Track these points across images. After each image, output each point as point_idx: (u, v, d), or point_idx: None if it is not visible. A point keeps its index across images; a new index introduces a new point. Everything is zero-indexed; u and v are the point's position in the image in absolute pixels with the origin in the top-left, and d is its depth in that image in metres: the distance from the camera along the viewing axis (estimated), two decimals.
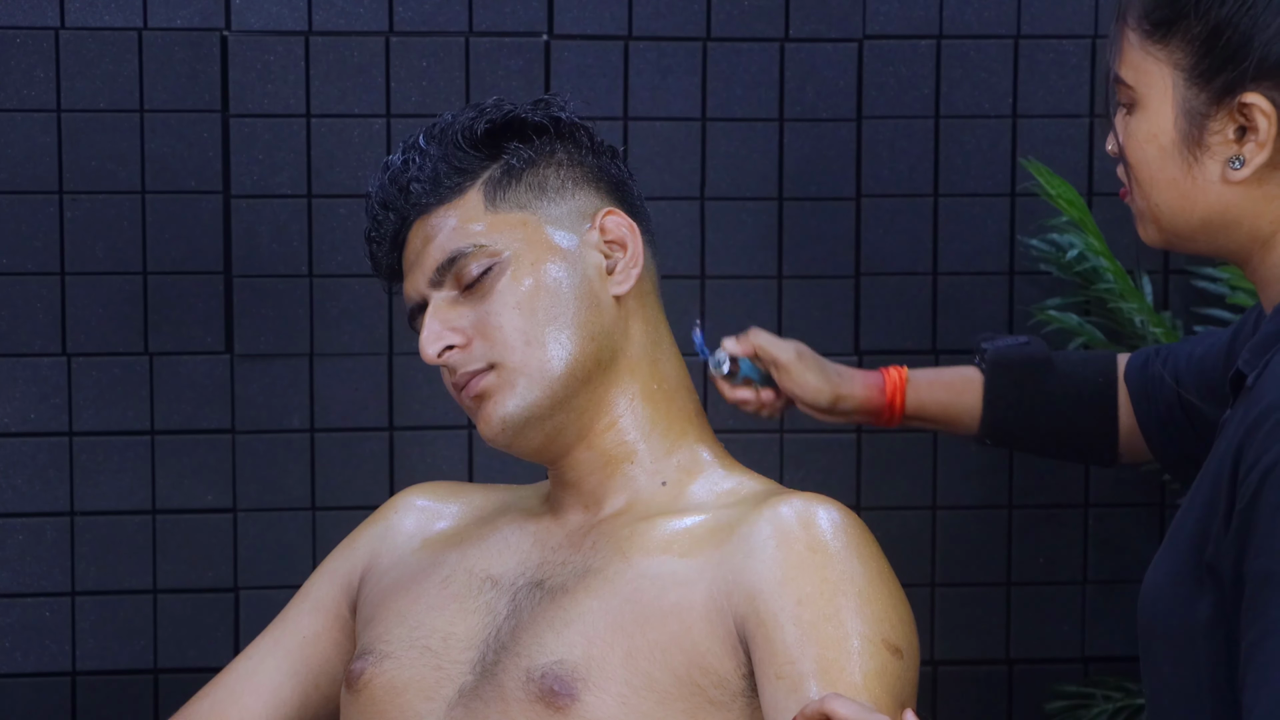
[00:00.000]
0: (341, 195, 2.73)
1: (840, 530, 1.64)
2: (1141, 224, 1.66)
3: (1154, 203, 1.62)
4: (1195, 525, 1.57)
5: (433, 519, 1.89)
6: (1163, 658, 1.61)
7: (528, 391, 1.73)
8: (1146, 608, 1.63)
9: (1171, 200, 1.61)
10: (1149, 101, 1.60)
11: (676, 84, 2.78)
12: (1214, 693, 1.55)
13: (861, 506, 2.79)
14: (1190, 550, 1.57)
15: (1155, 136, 1.60)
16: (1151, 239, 1.66)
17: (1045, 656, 2.87)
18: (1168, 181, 1.61)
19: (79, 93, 2.69)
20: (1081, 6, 2.83)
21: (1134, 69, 1.61)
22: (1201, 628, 1.55)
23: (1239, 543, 1.49)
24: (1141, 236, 1.67)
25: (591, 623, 1.66)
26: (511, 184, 1.77)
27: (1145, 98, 1.60)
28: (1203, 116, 1.58)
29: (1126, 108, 1.63)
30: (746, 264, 2.80)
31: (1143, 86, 1.60)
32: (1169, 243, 1.65)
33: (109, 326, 2.71)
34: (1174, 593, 1.58)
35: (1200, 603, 1.55)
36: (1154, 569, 1.63)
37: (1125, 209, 1.82)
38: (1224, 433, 1.59)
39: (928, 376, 2.23)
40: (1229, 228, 1.60)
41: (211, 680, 1.93)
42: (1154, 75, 1.59)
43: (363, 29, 2.73)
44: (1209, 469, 1.59)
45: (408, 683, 1.73)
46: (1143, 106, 1.61)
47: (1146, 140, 1.61)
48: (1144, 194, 1.63)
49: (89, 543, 2.72)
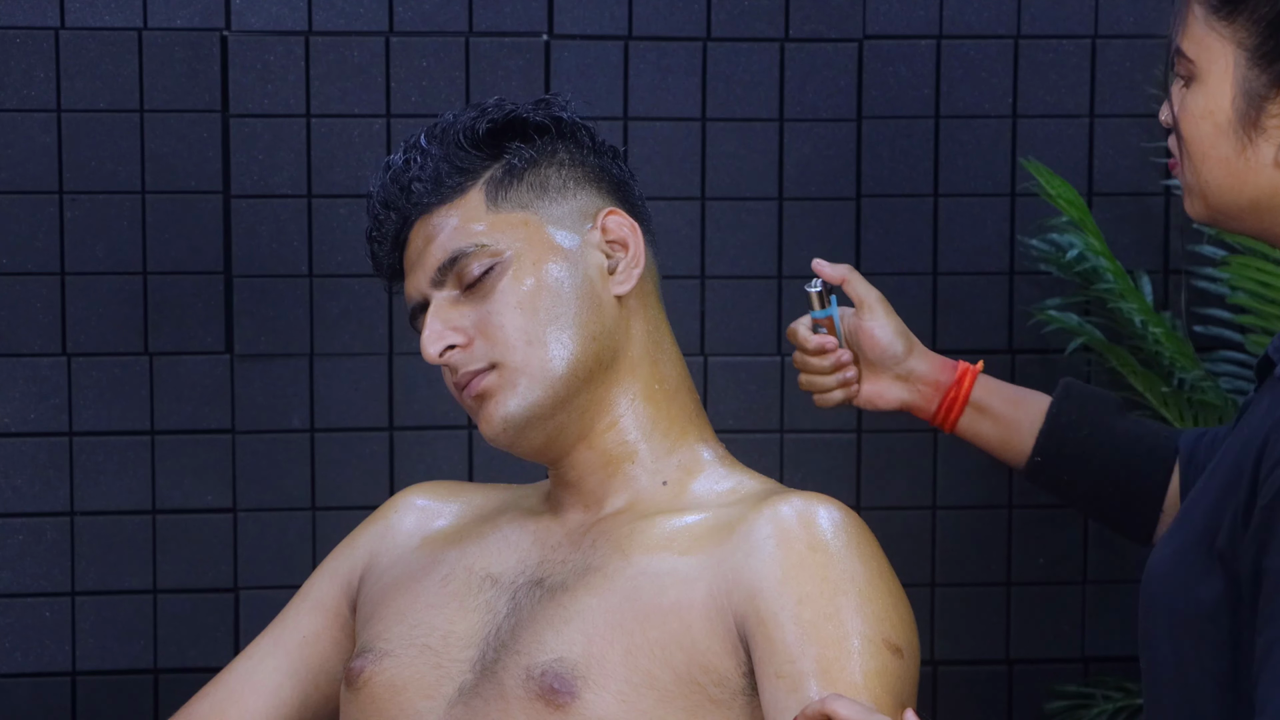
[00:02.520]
0: (341, 195, 2.73)
1: (841, 529, 1.64)
2: (1189, 198, 1.64)
3: (1204, 179, 1.60)
4: (1208, 510, 1.57)
5: (432, 518, 1.89)
6: (1161, 636, 1.60)
7: (529, 391, 1.72)
8: (1150, 585, 1.62)
9: (1221, 178, 1.59)
10: (1208, 77, 1.58)
11: (676, 84, 2.78)
12: (1213, 676, 1.55)
13: (861, 506, 2.79)
14: (1201, 533, 1.56)
15: (1211, 113, 1.58)
16: (1197, 213, 1.64)
17: (1045, 656, 2.87)
18: (1220, 159, 1.59)
19: (79, 93, 2.69)
20: (1081, 6, 2.83)
21: (1196, 43, 1.59)
22: (1204, 610, 1.54)
23: (1260, 539, 1.48)
24: (1187, 210, 1.65)
25: (591, 621, 1.66)
26: (513, 184, 1.77)
27: (1205, 73, 1.59)
28: (1261, 99, 1.56)
29: (1184, 80, 1.61)
30: (746, 264, 2.80)
31: (1203, 62, 1.59)
32: (1214, 219, 1.63)
33: (109, 326, 2.71)
34: (1179, 573, 1.58)
35: (1205, 586, 1.54)
36: (1161, 546, 1.63)
37: (1125, 209, 1.82)
38: (1247, 419, 1.59)
39: (997, 382, 2.09)
40: (1276, 211, 1.59)
41: (211, 680, 1.93)
42: (1216, 52, 1.58)
43: (363, 29, 2.73)
44: (1228, 455, 1.59)
45: (408, 681, 1.73)
46: (1201, 81, 1.59)
47: (1202, 116, 1.59)
48: (1194, 169, 1.61)
49: (89, 543, 2.72)
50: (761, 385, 2.81)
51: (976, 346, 2.84)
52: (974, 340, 2.84)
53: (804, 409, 2.81)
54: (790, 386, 2.80)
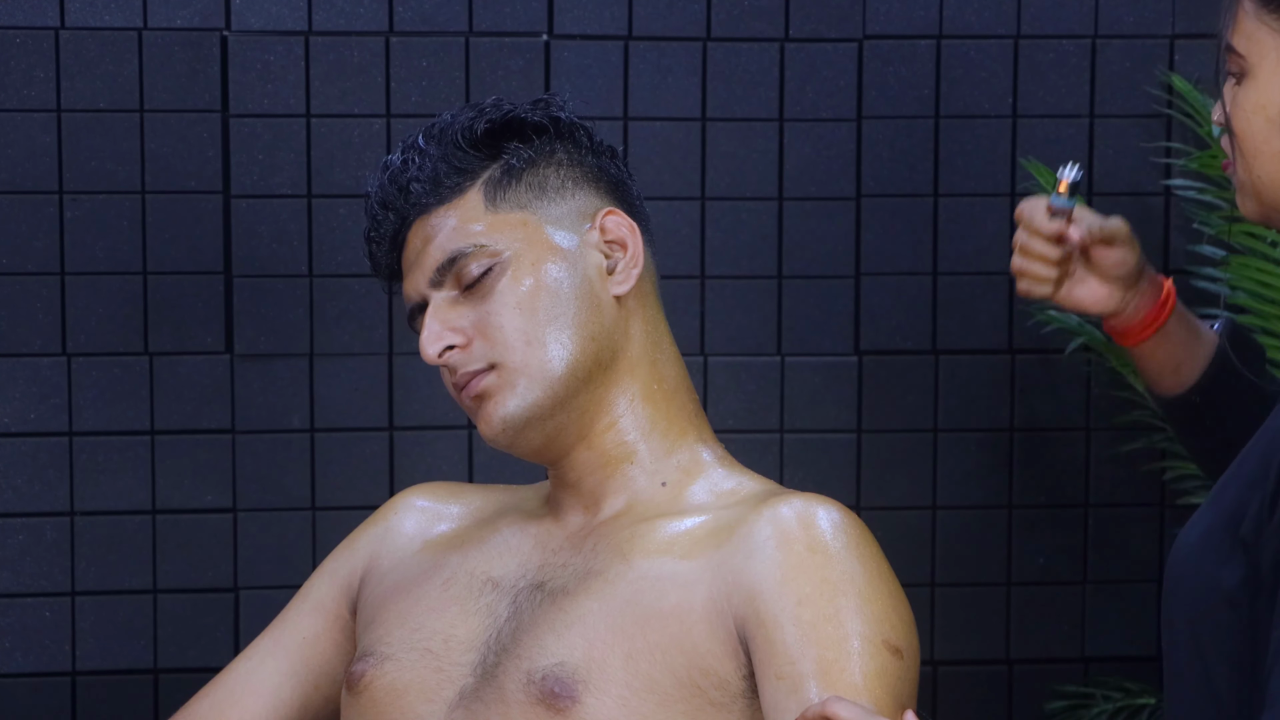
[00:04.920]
0: (341, 195, 2.73)
1: (840, 530, 1.64)
2: (1242, 196, 1.63)
3: (1256, 174, 1.60)
4: (1236, 495, 1.57)
5: (433, 520, 1.89)
6: (1182, 617, 1.60)
7: (528, 392, 1.72)
8: (1175, 566, 1.62)
9: (1275, 174, 1.59)
10: (1260, 72, 1.58)
11: (676, 84, 2.78)
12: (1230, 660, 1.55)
13: (861, 506, 2.79)
14: (1228, 517, 1.57)
15: (1264, 108, 1.58)
16: (1250, 212, 1.63)
17: (1045, 656, 2.87)
18: (1273, 154, 1.58)
19: (79, 93, 2.69)
20: (1082, 6, 2.83)
21: (1247, 38, 1.58)
22: (1224, 592, 1.55)
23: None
24: (1240, 208, 1.64)
25: (592, 625, 1.66)
26: (511, 184, 1.76)
27: (1256, 68, 1.58)
28: None
29: (1236, 77, 1.60)
30: (746, 264, 2.80)
31: (1255, 56, 1.58)
32: (1267, 217, 1.63)
33: (109, 326, 2.71)
34: (1203, 554, 1.58)
35: (1227, 569, 1.55)
36: (1190, 528, 1.63)
37: (1125, 209, 1.81)
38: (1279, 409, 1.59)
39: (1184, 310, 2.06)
40: None
41: (211, 681, 1.93)
42: (1268, 46, 1.57)
43: (363, 29, 2.73)
44: (1261, 440, 1.59)
45: (408, 685, 1.73)
46: (1253, 77, 1.58)
47: (1254, 111, 1.58)
48: (1246, 166, 1.60)
49: (89, 543, 2.72)
50: (761, 385, 2.81)
51: (976, 346, 2.84)
52: (974, 340, 2.84)
53: (804, 409, 2.81)
54: (790, 386, 2.81)
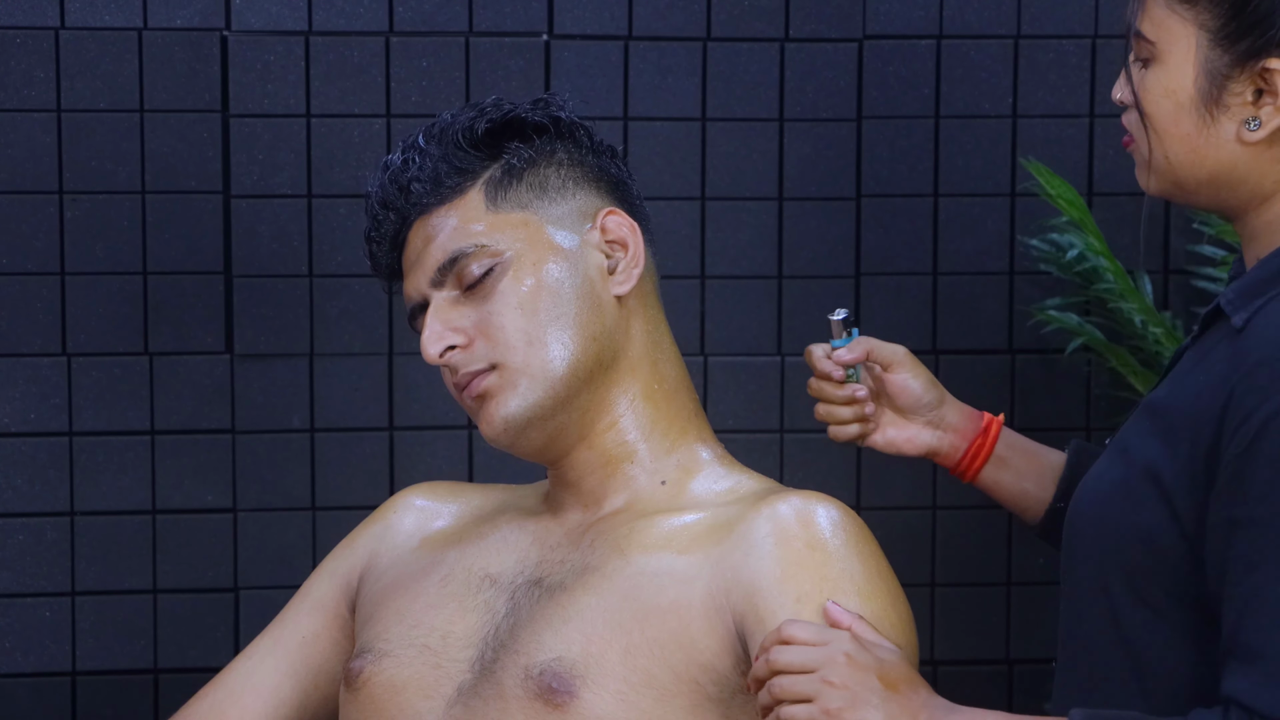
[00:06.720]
0: (341, 195, 2.73)
1: (839, 528, 1.64)
2: (1143, 172, 1.71)
3: (1164, 153, 1.67)
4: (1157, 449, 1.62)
5: (432, 518, 1.89)
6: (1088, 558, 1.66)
7: (530, 392, 1.72)
8: (1084, 511, 1.68)
9: (1182, 154, 1.66)
10: (1169, 58, 1.65)
11: (676, 84, 2.78)
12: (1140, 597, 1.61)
13: (861, 506, 2.79)
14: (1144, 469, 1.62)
15: (1173, 92, 1.65)
16: (1151, 188, 1.71)
17: (1045, 656, 2.87)
18: (1181, 136, 1.66)
19: (79, 93, 2.69)
20: (1082, 6, 2.83)
21: (1156, 25, 1.66)
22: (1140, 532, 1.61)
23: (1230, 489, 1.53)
24: (1141, 184, 1.72)
25: (590, 620, 1.66)
26: (512, 184, 1.77)
27: (1165, 54, 1.65)
28: (1224, 78, 1.63)
29: (1143, 62, 1.67)
30: (746, 264, 2.80)
31: (1164, 43, 1.65)
32: (1167, 192, 1.70)
33: (109, 326, 2.71)
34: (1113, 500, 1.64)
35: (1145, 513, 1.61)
36: (1095, 479, 1.69)
37: (1125, 209, 1.82)
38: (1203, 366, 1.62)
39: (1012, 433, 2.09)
40: (1234, 184, 1.66)
41: (211, 680, 1.93)
42: (1177, 33, 1.64)
43: (363, 29, 2.73)
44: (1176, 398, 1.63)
45: (407, 681, 1.73)
46: (1161, 62, 1.66)
47: (1163, 95, 1.66)
48: (1157, 143, 1.67)
49: (89, 543, 2.72)
50: (761, 385, 2.81)
51: (976, 346, 2.84)
52: (974, 340, 2.84)
53: (804, 409, 2.80)
54: (790, 386, 2.81)
